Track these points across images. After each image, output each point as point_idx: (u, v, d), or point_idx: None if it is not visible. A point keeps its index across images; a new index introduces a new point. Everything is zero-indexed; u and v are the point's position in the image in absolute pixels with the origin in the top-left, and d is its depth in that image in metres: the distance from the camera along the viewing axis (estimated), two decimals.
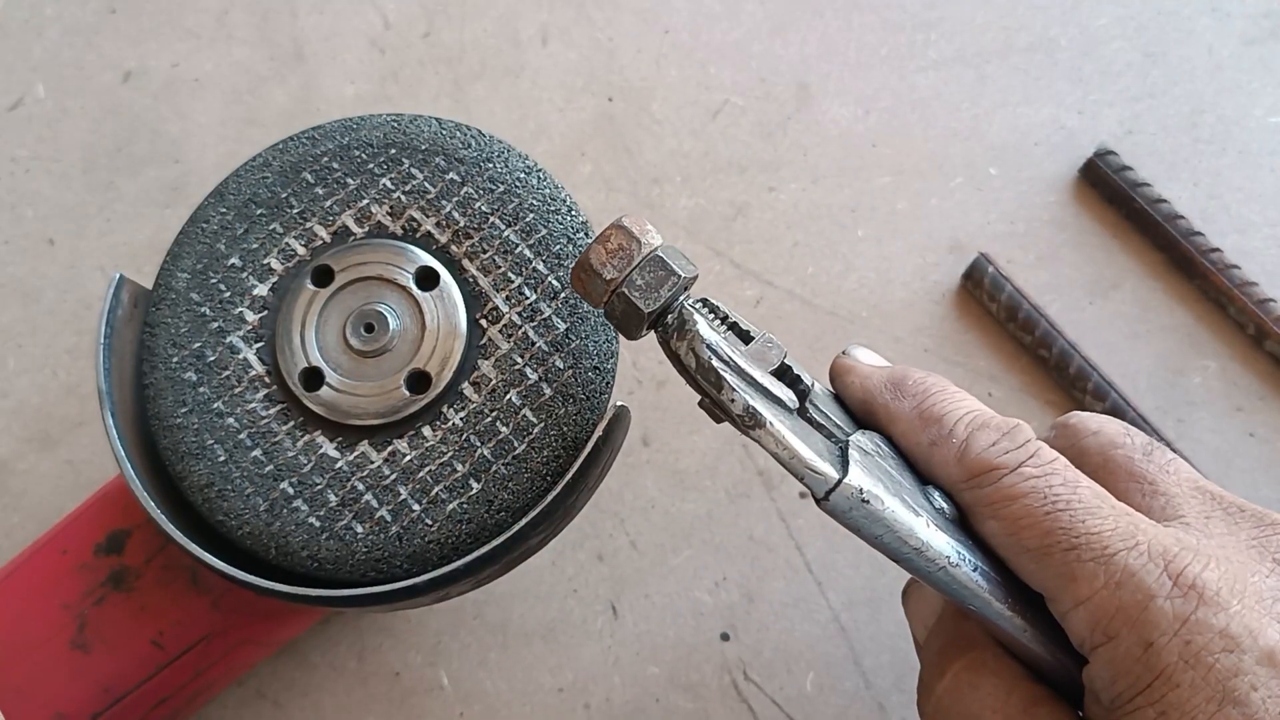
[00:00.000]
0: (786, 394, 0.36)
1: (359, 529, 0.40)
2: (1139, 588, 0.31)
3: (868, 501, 0.34)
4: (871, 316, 0.61)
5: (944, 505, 0.36)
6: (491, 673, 0.54)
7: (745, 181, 0.64)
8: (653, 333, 0.38)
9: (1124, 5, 0.67)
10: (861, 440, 0.37)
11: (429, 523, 0.40)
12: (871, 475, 0.34)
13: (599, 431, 0.40)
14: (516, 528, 0.39)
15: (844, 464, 0.35)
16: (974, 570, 0.35)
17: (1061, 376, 0.58)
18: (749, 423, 0.35)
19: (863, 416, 0.40)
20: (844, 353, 0.42)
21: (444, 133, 0.45)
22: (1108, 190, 0.62)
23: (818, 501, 0.34)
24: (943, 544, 0.34)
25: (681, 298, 0.37)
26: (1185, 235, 0.60)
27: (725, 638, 0.55)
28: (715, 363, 0.35)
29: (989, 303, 0.59)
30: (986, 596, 0.35)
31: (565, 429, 0.41)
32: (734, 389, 0.35)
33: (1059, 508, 0.33)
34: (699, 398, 0.38)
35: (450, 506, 0.40)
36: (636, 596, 0.56)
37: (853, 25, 0.67)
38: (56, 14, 0.69)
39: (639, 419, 0.59)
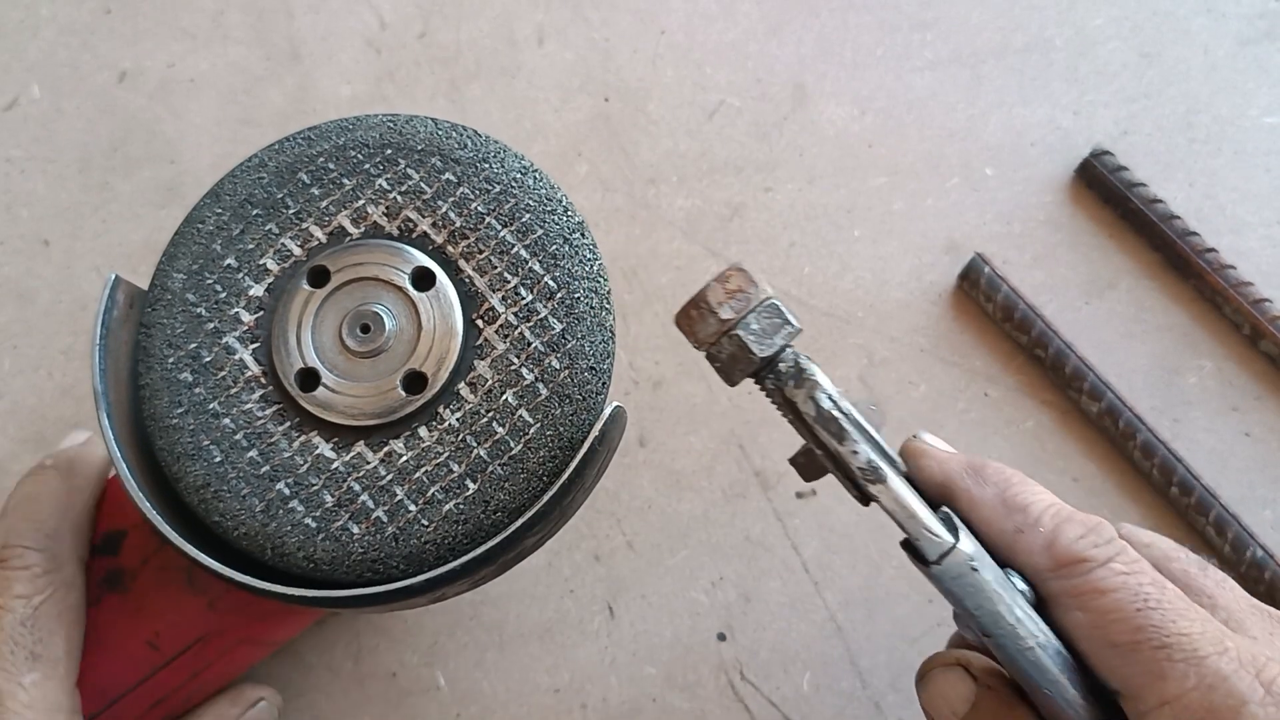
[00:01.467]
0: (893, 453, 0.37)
1: (355, 529, 0.40)
2: (1232, 692, 0.32)
3: (976, 570, 0.34)
4: (868, 317, 0.61)
5: (1024, 588, 0.37)
6: (488, 673, 0.54)
7: (741, 182, 0.64)
8: (751, 380, 0.37)
9: (1119, 6, 0.67)
10: (950, 515, 0.37)
11: (425, 523, 0.40)
12: (974, 545, 0.35)
13: (595, 432, 0.40)
14: (513, 528, 0.39)
15: (954, 530, 0.35)
16: (1056, 655, 0.35)
17: (1058, 376, 0.58)
18: (869, 477, 0.35)
19: (938, 499, 0.40)
20: (915, 437, 0.42)
21: (440, 133, 0.45)
22: (1104, 190, 0.62)
23: (927, 564, 0.35)
24: (1033, 623, 0.34)
25: (791, 348, 0.37)
26: (1181, 235, 0.60)
27: (722, 638, 0.55)
28: (837, 413, 0.35)
29: (985, 303, 0.59)
30: (1064, 682, 0.35)
31: (561, 429, 0.41)
32: (856, 440, 0.35)
33: (1150, 606, 0.34)
34: (794, 451, 0.37)
35: (446, 507, 0.40)
36: (633, 597, 0.56)
37: (849, 25, 0.67)
38: (52, 14, 0.69)
39: (635, 419, 0.59)
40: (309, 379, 0.42)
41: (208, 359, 0.42)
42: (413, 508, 0.40)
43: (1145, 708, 0.33)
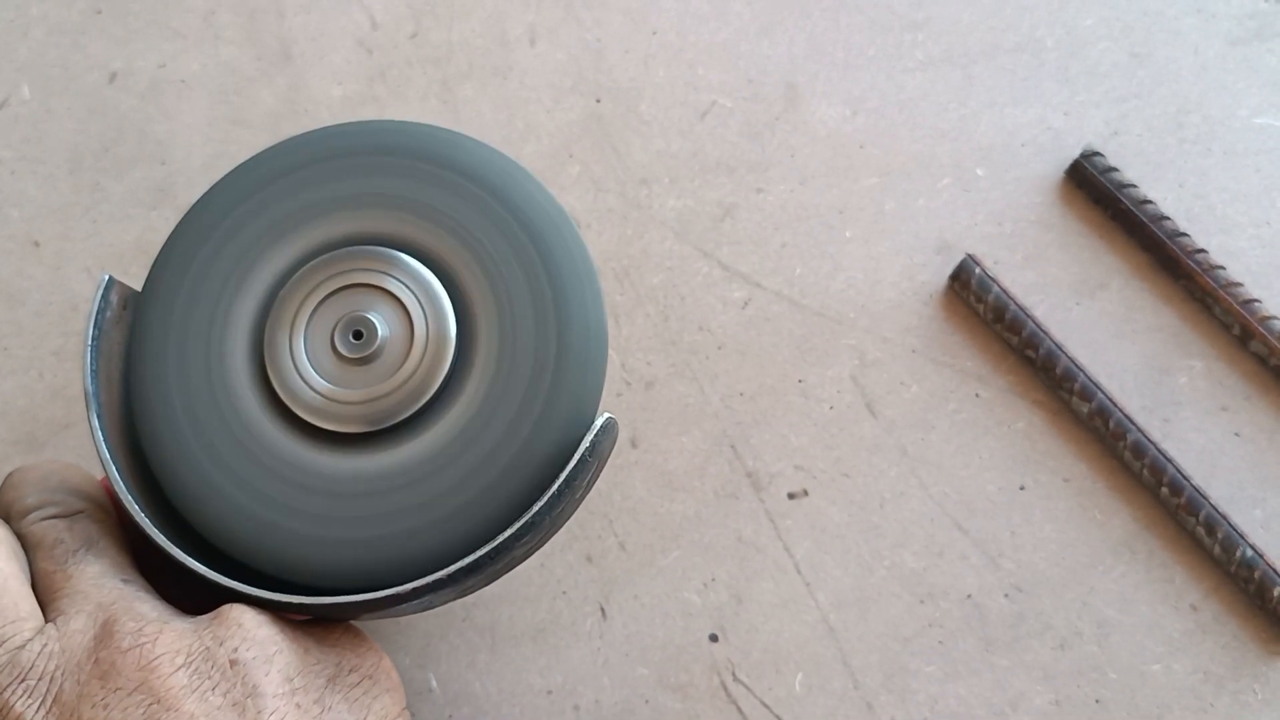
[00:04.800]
0: None
1: (344, 535, 0.40)
2: None
3: None
4: (859, 317, 0.61)
5: None
6: (480, 675, 0.54)
7: (733, 182, 0.64)
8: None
9: (1110, 6, 0.67)
10: None
11: (415, 530, 0.40)
12: None
13: (586, 443, 0.40)
14: (501, 538, 0.39)
15: None
16: None
17: (1048, 376, 0.58)
18: None
19: None
20: None
21: (432, 137, 0.45)
22: (1094, 191, 0.62)
23: None
24: None
25: None
26: (1171, 236, 0.60)
27: (714, 639, 0.55)
28: None
29: (976, 303, 0.59)
30: None
31: (553, 438, 0.41)
32: None
33: None
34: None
35: (437, 514, 0.40)
36: (625, 598, 0.56)
37: (840, 26, 0.68)
38: (42, 14, 0.69)
39: (627, 420, 0.59)
40: (301, 385, 0.42)
41: (200, 363, 0.42)
42: (403, 515, 0.40)
43: None
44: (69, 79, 0.67)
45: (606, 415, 0.40)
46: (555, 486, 0.39)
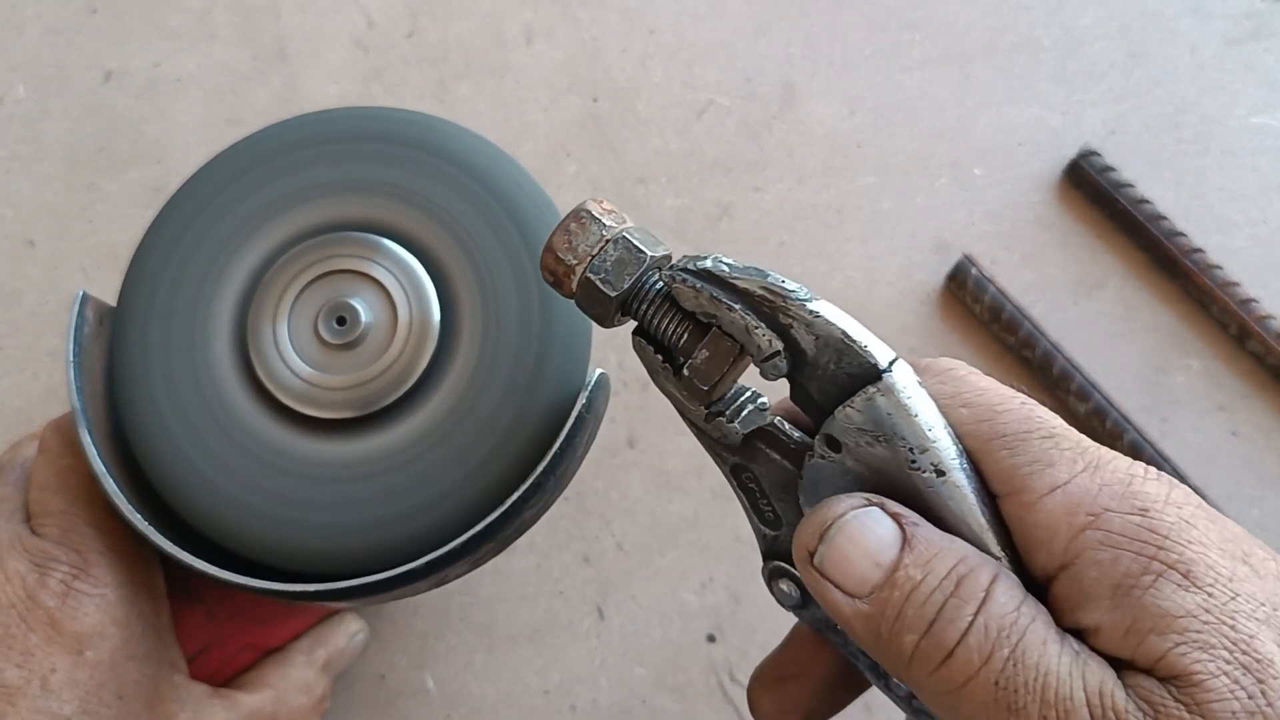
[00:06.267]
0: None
1: (347, 520, 0.40)
2: (1119, 469, 0.32)
3: (922, 385, 0.33)
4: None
5: None
6: (478, 675, 0.54)
7: (731, 181, 0.64)
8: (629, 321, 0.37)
9: (1107, 5, 0.67)
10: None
11: (419, 507, 0.39)
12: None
13: (582, 400, 0.39)
14: (509, 502, 0.38)
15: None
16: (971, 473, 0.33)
17: (1045, 377, 0.58)
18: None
19: None
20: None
21: (416, 124, 0.45)
22: (1091, 191, 0.62)
23: (880, 374, 0.33)
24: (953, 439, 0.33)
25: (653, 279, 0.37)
26: (1168, 236, 0.60)
27: (711, 639, 0.55)
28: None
29: (973, 304, 0.59)
30: (974, 499, 0.33)
31: (546, 404, 0.40)
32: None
33: (1030, 404, 0.34)
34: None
35: (438, 489, 0.40)
36: (623, 598, 0.55)
37: (838, 25, 0.67)
38: (37, 13, 0.68)
39: (624, 420, 0.59)
40: (287, 373, 0.41)
41: (184, 360, 0.42)
42: (404, 494, 0.40)
43: (1033, 498, 0.32)
44: (64, 78, 0.67)
45: (599, 371, 0.40)
46: (556, 445, 0.39)
